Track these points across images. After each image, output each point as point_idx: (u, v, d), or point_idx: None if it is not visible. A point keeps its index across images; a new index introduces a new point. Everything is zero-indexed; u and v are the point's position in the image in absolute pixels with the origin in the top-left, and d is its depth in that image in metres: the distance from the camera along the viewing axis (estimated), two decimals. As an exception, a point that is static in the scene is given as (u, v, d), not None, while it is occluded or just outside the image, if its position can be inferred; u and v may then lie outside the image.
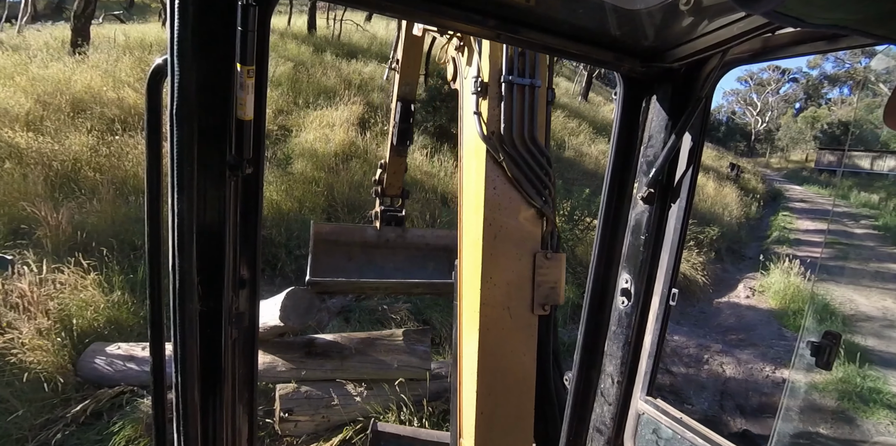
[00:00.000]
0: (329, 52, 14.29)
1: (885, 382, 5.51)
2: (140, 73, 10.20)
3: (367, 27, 19.94)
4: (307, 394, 3.45)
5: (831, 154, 37.59)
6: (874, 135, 45.52)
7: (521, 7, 0.95)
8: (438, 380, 3.78)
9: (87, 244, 4.67)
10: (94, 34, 11.74)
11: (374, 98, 11.92)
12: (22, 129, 6.67)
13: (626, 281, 1.42)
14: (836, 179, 32.46)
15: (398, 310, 5.06)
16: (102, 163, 6.43)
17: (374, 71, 14.01)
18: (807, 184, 31.90)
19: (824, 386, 5.19)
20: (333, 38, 17.06)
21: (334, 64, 13.47)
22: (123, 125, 7.60)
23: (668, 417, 1.35)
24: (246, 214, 0.90)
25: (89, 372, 3.54)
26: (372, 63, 14.55)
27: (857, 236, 15.36)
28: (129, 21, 20.76)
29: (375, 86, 12.91)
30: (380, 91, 12.61)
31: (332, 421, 3.48)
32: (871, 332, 7.19)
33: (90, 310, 3.91)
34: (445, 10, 0.92)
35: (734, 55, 1.16)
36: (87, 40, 11.02)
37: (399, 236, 2.95)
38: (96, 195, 5.61)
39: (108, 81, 9.09)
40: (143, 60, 10.71)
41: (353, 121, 10.25)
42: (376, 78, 13.55)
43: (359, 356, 3.59)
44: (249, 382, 0.97)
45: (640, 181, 1.36)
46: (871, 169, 33.92)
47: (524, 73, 1.72)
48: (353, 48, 16.34)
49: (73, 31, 10.92)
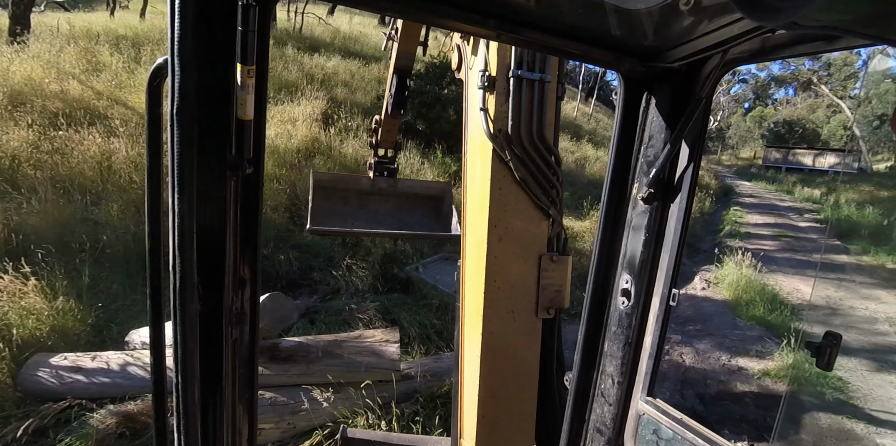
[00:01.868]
0: (290, 45, 13.89)
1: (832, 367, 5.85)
2: (86, 65, 9.62)
3: (330, 21, 19.54)
4: (272, 401, 3.33)
5: (777, 151, 39.55)
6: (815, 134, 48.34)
7: (521, 7, 0.96)
8: (407, 381, 3.73)
9: (26, 248, 4.35)
10: (35, 22, 11.02)
11: (338, 93, 11.68)
12: (-50, 123, 6.17)
13: (626, 281, 1.41)
14: (781, 175, 34.21)
15: (365, 310, 4.96)
16: (44, 160, 6.00)
17: (338, 65, 13.74)
18: (755, 180, 33.45)
19: (776, 373, 5.46)
20: (295, 31, 16.61)
21: (296, 58, 13.11)
22: (68, 119, 7.13)
23: (669, 418, 1.35)
24: (246, 214, 0.90)
25: (32, 385, 3.29)
26: (335, 57, 14.26)
27: (800, 229, 16.30)
28: (75, 9, 19.57)
29: (339, 80, 12.65)
30: (343, 86, 12.38)
31: (298, 428, 3.37)
32: (815, 320, 7.63)
33: (32, 318, 3.64)
34: (445, 9, 0.92)
35: (734, 55, 1.16)
36: (28, 29, 10.34)
37: (391, 186, 3.07)
38: (36, 194, 5.23)
39: (50, 73, 8.51)
40: (89, 51, 10.11)
41: (317, 117, 10.01)
42: (340, 73, 13.30)
43: (326, 359, 3.48)
44: (249, 382, 0.98)
45: (640, 181, 1.35)
46: (812, 165, 35.90)
47: (533, 67, 1.65)
48: (316, 42, 15.96)
49: (11, 18, 10.26)
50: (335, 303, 5.18)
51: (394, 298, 5.52)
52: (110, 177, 6.27)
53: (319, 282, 5.68)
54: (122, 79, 9.39)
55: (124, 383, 3.35)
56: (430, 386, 3.78)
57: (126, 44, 11.11)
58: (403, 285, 5.96)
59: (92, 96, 8.38)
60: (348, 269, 5.82)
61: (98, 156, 6.52)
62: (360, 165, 8.89)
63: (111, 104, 8.36)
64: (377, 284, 5.76)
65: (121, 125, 7.48)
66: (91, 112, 7.65)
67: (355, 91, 12.37)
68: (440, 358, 4.19)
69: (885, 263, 12.16)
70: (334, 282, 5.59)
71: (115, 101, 8.56)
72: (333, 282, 5.60)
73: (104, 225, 5.27)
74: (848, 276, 10.77)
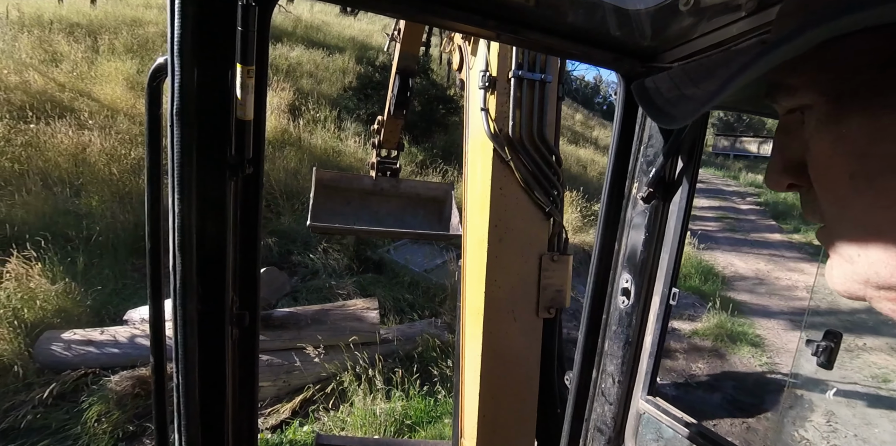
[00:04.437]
0: (252, 35, 13.81)
1: (750, 326, 6.79)
2: (44, 54, 9.46)
3: (290, 8, 19.32)
4: (268, 362, 3.82)
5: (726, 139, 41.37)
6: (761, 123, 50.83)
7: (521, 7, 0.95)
8: (386, 344, 4.29)
9: (20, 237, 4.61)
10: (-20, 9, 10.60)
11: (304, 84, 11.84)
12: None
13: (626, 280, 1.40)
14: (729, 162, 36.08)
15: (344, 287, 5.47)
16: (19, 154, 6.12)
17: (301, 56, 13.80)
18: (705, 166, 35.01)
19: (703, 332, 6.34)
20: (255, 20, 16.41)
21: (259, 48, 13.10)
22: (36, 112, 7.17)
23: (670, 417, 1.34)
24: (246, 214, 0.90)
25: (47, 357, 3.65)
26: (298, 47, 14.30)
27: (742, 211, 17.69)
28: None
29: (304, 71, 12.77)
30: (308, 77, 12.53)
31: (292, 385, 3.89)
32: (743, 289, 8.63)
33: (38, 299, 3.96)
34: (445, 10, 0.92)
35: None
36: (-26, 16, 9.96)
37: (393, 186, 3.09)
38: (21, 187, 5.42)
39: (7, 64, 8.38)
40: (44, 40, 9.89)
41: (284, 109, 10.21)
42: (304, 63, 13.38)
43: (314, 325, 4.00)
44: (250, 382, 0.97)
45: (640, 181, 1.34)
46: (758, 152, 37.90)
47: (534, 67, 1.65)
48: (277, 31, 15.83)
49: None
50: (315, 282, 5.64)
51: (368, 277, 6.02)
52: (87, 169, 6.45)
53: (298, 264, 6.11)
54: (83, 69, 9.31)
55: (133, 352, 3.75)
56: (406, 347, 4.35)
57: (81, 32, 10.88)
58: (377, 266, 6.47)
59: (55, 88, 8.34)
60: (325, 253, 6.27)
61: (72, 148, 6.65)
62: (329, 156, 9.25)
63: (76, 96, 8.35)
64: (352, 265, 6.24)
65: (90, 117, 7.56)
66: (58, 104, 7.67)
67: (321, 82, 12.55)
68: (413, 325, 4.77)
69: (812, 240, 13.56)
70: (312, 264, 6.03)
71: (80, 92, 8.54)
72: (311, 265, 6.03)
73: (87, 215, 5.52)
74: (778, 252, 12.00)
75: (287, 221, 6.83)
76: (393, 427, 3.55)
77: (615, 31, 1.04)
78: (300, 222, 6.91)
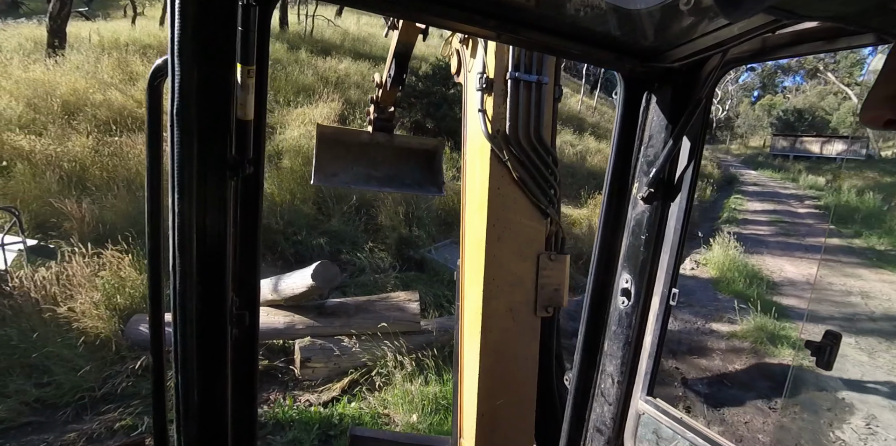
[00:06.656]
0: (304, 49, 14.74)
1: (794, 330, 6.66)
2: (122, 75, 10.53)
3: (339, 22, 20.31)
4: (321, 346, 4.27)
5: (785, 139, 39.08)
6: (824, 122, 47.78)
7: (521, 7, 0.95)
8: (426, 334, 4.65)
9: (111, 234, 5.31)
10: (63, 33, 11.90)
11: (352, 95, 12.50)
12: (20, 132, 7.12)
13: (627, 281, 1.40)
14: (788, 163, 34.24)
15: (388, 283, 5.90)
16: (106, 163, 6.97)
17: (349, 68, 14.55)
18: (761, 168, 33.46)
19: (741, 334, 6.30)
20: (306, 34, 17.42)
21: (310, 61, 13.94)
22: (118, 126, 8.09)
23: (669, 417, 1.34)
24: (246, 214, 0.90)
25: (136, 337, 4.24)
26: (346, 60, 15.07)
27: (798, 215, 16.88)
28: (95, 18, 20.55)
29: (351, 82, 13.47)
30: (356, 88, 13.22)
31: (341, 367, 4.31)
32: (790, 293, 8.40)
33: (128, 287, 4.60)
34: (445, 10, 0.92)
35: (734, 55, 1.16)
36: (64, 41, 11.13)
37: (388, 140, 3.28)
38: (109, 192, 6.21)
39: (92, 83, 9.40)
40: (122, 61, 10.96)
41: (334, 119, 10.84)
42: (351, 74, 14.12)
43: (361, 314, 4.42)
44: (250, 382, 0.97)
45: (640, 181, 1.34)
46: (820, 153, 35.69)
47: (531, 69, 1.66)
48: (327, 45, 16.75)
49: (49, 32, 10.91)
50: (362, 278, 6.11)
51: (411, 275, 6.45)
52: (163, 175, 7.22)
53: (347, 262, 6.60)
54: (158, 87, 10.31)
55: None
56: (444, 338, 4.69)
57: (153, 53, 11.97)
58: (418, 264, 6.88)
59: (133, 105, 9.32)
60: (371, 252, 6.74)
61: (151, 158, 7.46)
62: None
63: (152, 111, 9.30)
64: (396, 263, 6.67)
65: (166, 130, 8.42)
66: (137, 119, 8.60)
67: (367, 92, 13.20)
68: (451, 318, 5.11)
69: (874, 245, 12.83)
70: (359, 262, 6.51)
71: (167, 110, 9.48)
72: (359, 263, 6.51)
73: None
74: (835, 257, 11.47)
75: (337, 223, 7.35)
76: (430, 406, 3.88)
77: (615, 30, 1.04)
78: (349, 224, 7.43)
